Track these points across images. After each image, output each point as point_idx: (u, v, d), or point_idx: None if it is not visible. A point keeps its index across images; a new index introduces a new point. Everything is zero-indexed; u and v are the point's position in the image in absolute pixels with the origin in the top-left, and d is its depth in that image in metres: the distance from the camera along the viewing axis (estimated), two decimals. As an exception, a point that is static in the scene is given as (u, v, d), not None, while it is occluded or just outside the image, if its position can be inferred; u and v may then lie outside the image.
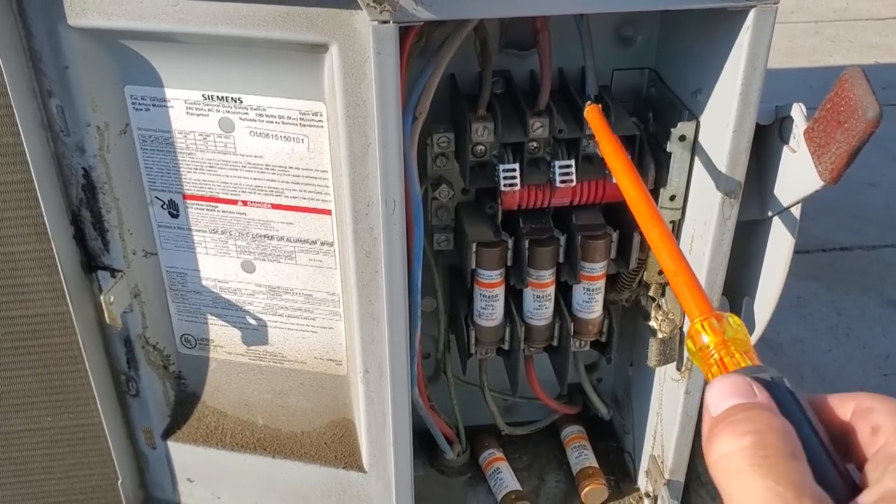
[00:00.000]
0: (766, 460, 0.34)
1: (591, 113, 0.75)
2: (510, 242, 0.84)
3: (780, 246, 0.78)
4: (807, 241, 2.52)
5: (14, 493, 1.11)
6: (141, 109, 0.81)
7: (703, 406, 0.39)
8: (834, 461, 0.36)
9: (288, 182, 0.82)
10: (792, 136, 0.74)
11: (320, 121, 0.77)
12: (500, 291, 0.88)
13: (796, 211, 0.76)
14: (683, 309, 0.47)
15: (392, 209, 0.74)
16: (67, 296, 0.87)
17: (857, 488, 0.35)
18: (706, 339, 0.43)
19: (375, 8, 0.63)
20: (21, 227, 0.91)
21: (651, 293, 0.88)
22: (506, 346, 0.91)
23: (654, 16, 0.85)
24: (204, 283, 0.90)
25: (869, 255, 2.54)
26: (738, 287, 0.85)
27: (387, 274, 0.77)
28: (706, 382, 0.41)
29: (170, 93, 0.79)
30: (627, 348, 1.02)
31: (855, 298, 2.31)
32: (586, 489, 1.01)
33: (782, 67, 3.46)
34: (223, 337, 0.94)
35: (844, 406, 0.38)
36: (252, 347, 0.93)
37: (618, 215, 0.87)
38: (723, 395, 0.38)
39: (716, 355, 0.42)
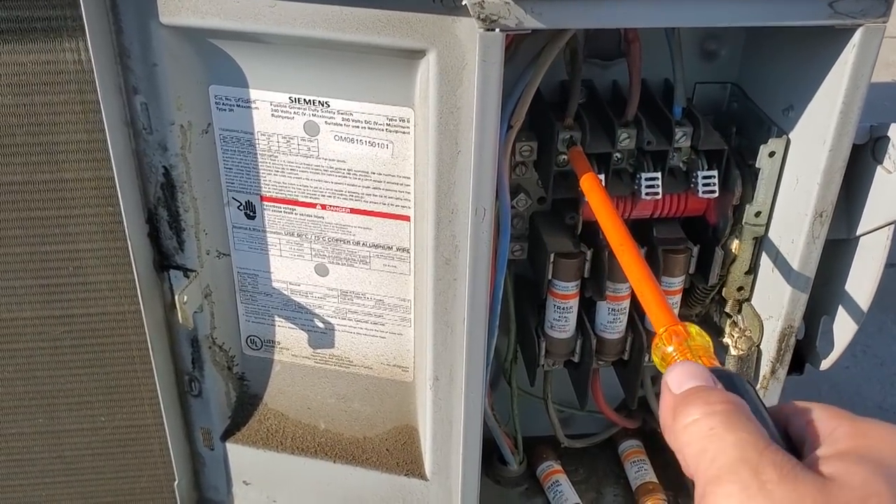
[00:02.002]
0: (737, 421, 0.40)
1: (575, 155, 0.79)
2: (589, 254, 0.84)
3: (867, 266, 0.78)
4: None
5: (62, 492, 1.11)
6: (224, 109, 0.80)
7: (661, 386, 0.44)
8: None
9: (369, 187, 0.81)
10: (887, 156, 0.73)
11: (407, 127, 0.77)
12: (574, 303, 0.87)
13: (887, 232, 0.75)
14: (650, 320, 0.52)
15: (482, 217, 0.73)
16: (140, 294, 0.86)
17: None
18: (670, 347, 0.46)
19: (485, 17, 0.63)
20: (89, 224, 0.91)
21: (727, 309, 0.88)
22: (576, 359, 0.91)
23: (739, 31, 0.85)
24: (275, 285, 0.89)
25: (888, 272, 2.54)
26: (816, 305, 0.85)
27: (470, 282, 0.77)
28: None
29: (255, 94, 0.79)
30: (691, 363, 1.01)
31: (873, 316, 2.29)
32: (647, 504, 1.01)
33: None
34: (290, 339, 0.93)
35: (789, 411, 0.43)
36: (318, 351, 0.93)
37: (696, 229, 0.86)
38: (686, 376, 0.43)
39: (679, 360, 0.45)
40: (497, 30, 0.64)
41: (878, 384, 2.07)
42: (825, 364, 0.85)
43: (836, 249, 0.81)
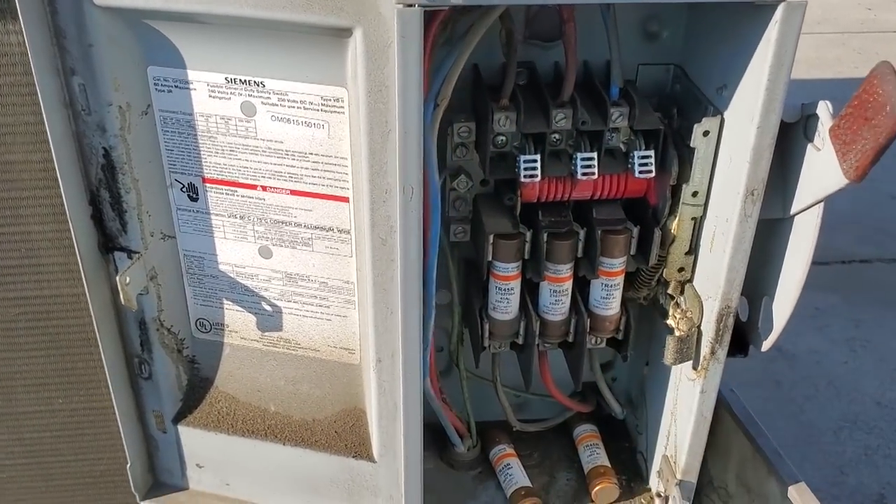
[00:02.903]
0: None
1: None
2: (528, 235, 0.84)
3: (799, 246, 0.78)
4: (827, 252, 2.51)
5: (24, 474, 1.12)
6: (163, 91, 0.81)
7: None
8: None
9: (307, 168, 0.82)
10: (817, 133, 0.73)
11: (341, 107, 0.77)
12: (515, 285, 0.87)
13: (817, 210, 0.75)
14: None
15: (410, 196, 0.73)
16: (83, 276, 0.87)
17: None
18: None
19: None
20: (39, 206, 0.92)
21: (670, 291, 0.88)
22: (520, 341, 0.91)
23: (679, 11, 0.84)
24: (221, 267, 0.90)
25: (889, 267, 2.52)
26: (757, 287, 0.84)
27: (402, 262, 0.77)
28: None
29: (193, 75, 0.79)
30: (643, 347, 1.01)
31: (873, 311, 2.28)
32: (597, 487, 1.00)
33: (807, 78, 3.43)
34: (238, 322, 0.93)
35: None
36: (266, 334, 0.93)
37: (639, 211, 0.86)
38: None
39: None
40: (416, 5, 0.64)
41: (877, 379, 2.06)
42: (766, 345, 0.84)
43: (774, 229, 0.81)
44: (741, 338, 0.88)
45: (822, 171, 0.71)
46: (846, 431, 1.93)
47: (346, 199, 0.82)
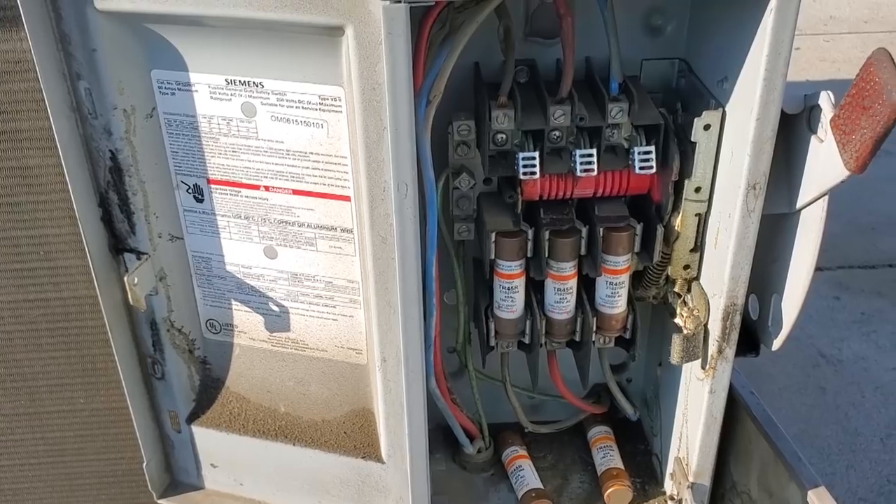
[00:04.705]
0: None
1: None
2: (530, 233, 0.83)
3: (806, 241, 0.76)
4: (874, 256, 2.44)
5: (48, 473, 1.14)
6: (167, 94, 0.82)
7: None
8: None
9: (308, 168, 0.82)
10: (820, 125, 0.71)
11: (339, 106, 0.77)
12: (519, 283, 0.86)
13: (823, 204, 0.73)
14: None
15: (404, 194, 0.73)
16: (94, 277, 0.88)
17: None
18: None
19: (385, -13, 0.63)
20: (56, 209, 0.93)
21: (676, 289, 0.86)
22: (526, 340, 0.90)
23: (682, 3, 0.83)
24: (228, 268, 0.91)
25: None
26: (766, 284, 0.83)
27: (399, 260, 0.77)
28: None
29: (194, 77, 0.80)
30: (657, 347, 0.99)
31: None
32: (609, 490, 0.99)
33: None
34: (246, 323, 0.94)
35: None
36: (274, 334, 0.94)
37: (644, 208, 0.85)
38: None
39: None
40: (402, 2, 0.64)
41: (928, 387, 2.00)
42: (776, 344, 0.82)
43: (781, 225, 0.79)
44: (752, 337, 0.86)
45: (825, 162, 0.69)
46: (894, 439, 1.88)
47: (347, 198, 0.83)
